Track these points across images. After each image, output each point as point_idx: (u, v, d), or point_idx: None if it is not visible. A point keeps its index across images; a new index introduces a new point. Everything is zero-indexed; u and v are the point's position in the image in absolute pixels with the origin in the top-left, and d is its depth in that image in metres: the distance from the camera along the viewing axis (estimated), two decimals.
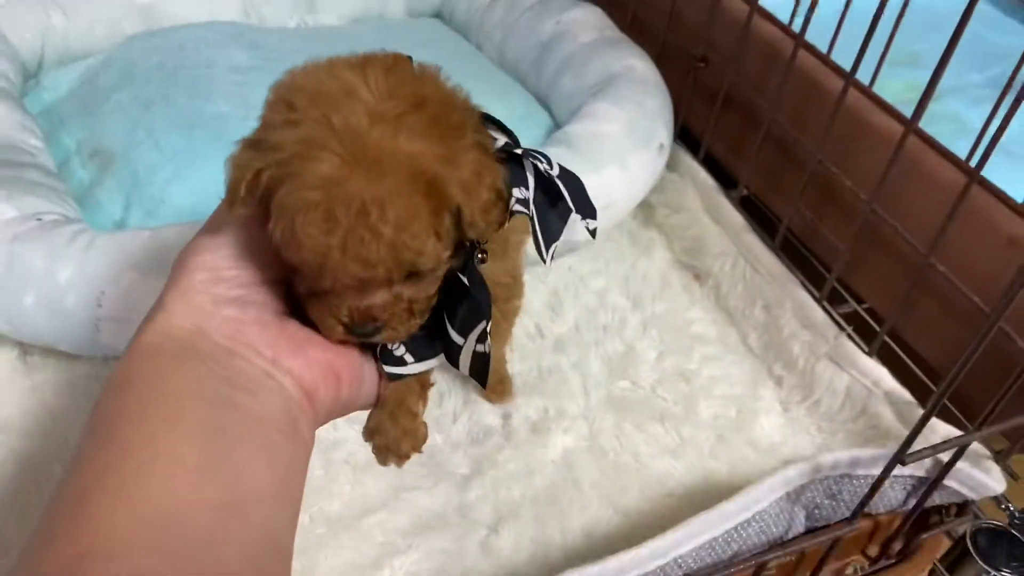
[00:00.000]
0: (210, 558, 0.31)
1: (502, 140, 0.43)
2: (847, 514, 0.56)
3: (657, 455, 0.63)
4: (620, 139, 0.73)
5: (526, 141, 0.79)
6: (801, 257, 0.78)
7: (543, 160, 0.44)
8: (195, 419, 0.34)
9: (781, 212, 0.80)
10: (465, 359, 0.43)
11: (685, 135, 0.87)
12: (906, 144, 0.64)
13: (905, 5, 0.73)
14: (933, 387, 0.68)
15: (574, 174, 0.46)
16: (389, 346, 0.43)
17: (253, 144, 0.37)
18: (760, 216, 0.80)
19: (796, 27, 0.75)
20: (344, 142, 0.35)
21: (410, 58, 0.41)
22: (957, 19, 0.56)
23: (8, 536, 0.53)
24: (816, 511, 0.57)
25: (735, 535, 0.52)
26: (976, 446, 0.59)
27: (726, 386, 0.68)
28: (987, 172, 0.64)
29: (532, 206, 0.42)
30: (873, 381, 0.65)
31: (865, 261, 0.74)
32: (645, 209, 0.83)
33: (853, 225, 0.69)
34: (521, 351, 0.69)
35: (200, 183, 0.70)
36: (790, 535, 0.55)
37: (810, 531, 0.57)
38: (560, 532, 0.58)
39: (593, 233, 0.48)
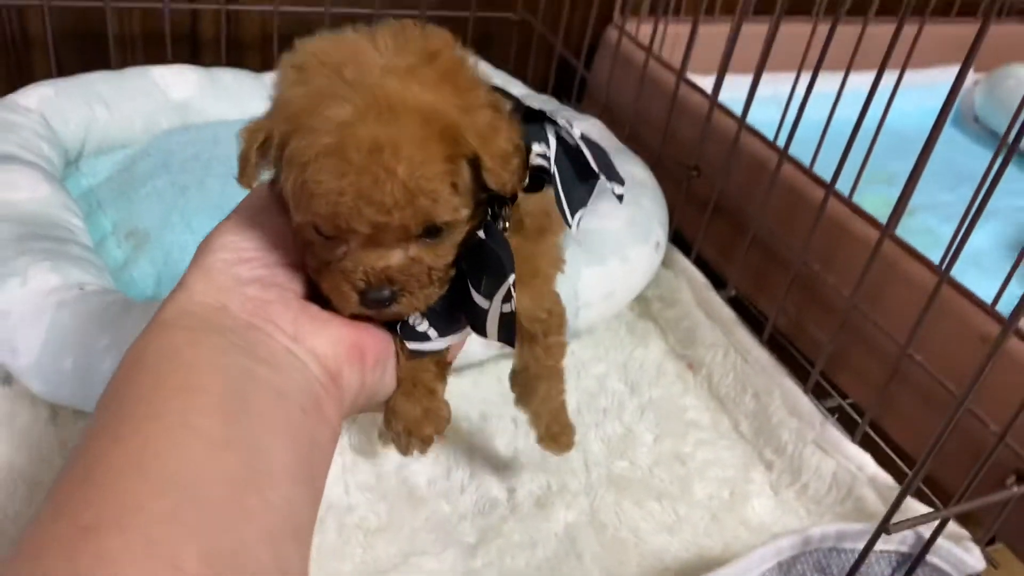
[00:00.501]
0: (226, 531, 0.30)
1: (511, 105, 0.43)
2: None
3: (655, 531, 0.66)
4: (621, 234, 0.79)
5: None
6: (787, 355, 0.83)
7: (565, 126, 0.43)
8: (212, 390, 0.33)
9: (767, 311, 0.86)
10: (492, 324, 0.41)
11: (678, 240, 0.94)
12: (883, 248, 0.70)
13: (879, 127, 0.80)
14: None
15: (596, 143, 0.45)
16: (411, 321, 0.41)
17: (263, 116, 0.38)
18: (748, 316, 0.85)
19: (780, 142, 0.82)
20: (356, 90, 0.35)
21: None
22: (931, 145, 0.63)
23: None
24: None
25: None
26: (956, 528, 0.63)
27: (719, 469, 0.72)
28: (962, 281, 0.70)
29: (553, 165, 0.41)
30: (858, 466, 0.69)
31: (847, 358, 0.80)
32: (642, 302, 0.88)
33: (835, 324, 0.75)
34: (525, 428, 0.73)
35: None
36: None
37: None
38: None
39: (620, 198, 0.46)
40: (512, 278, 0.39)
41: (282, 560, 0.31)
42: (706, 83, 0.95)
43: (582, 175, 0.44)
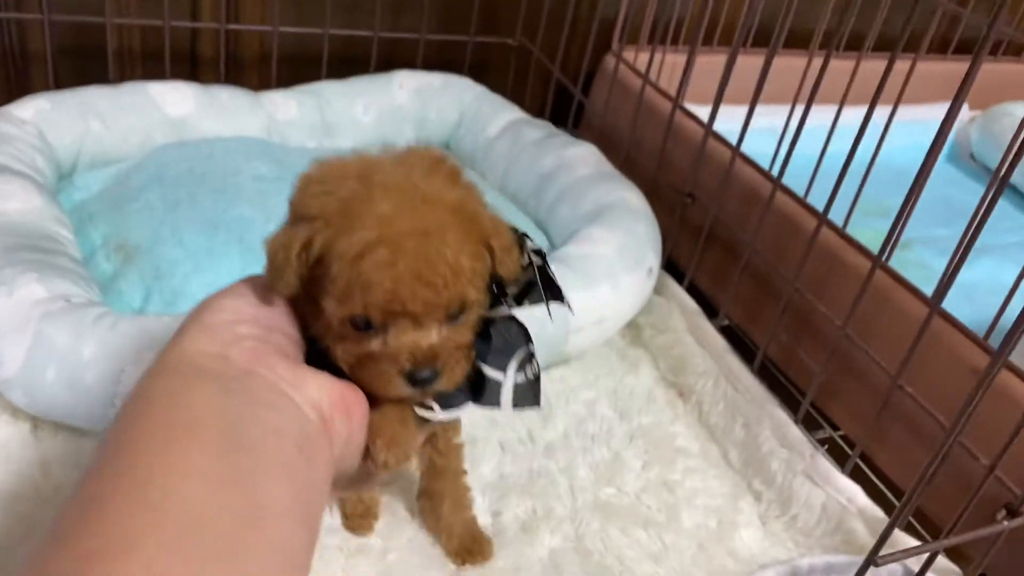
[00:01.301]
0: (228, 564, 0.30)
1: None
2: None
3: (640, 559, 0.65)
4: (612, 260, 0.79)
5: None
6: (778, 385, 0.82)
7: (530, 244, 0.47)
8: (212, 431, 0.33)
9: (760, 341, 0.85)
10: (507, 394, 0.44)
11: (671, 267, 0.93)
12: (875, 279, 0.70)
13: (872, 160, 0.81)
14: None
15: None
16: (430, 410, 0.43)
17: (289, 225, 0.40)
18: (740, 345, 0.85)
19: (775, 172, 0.82)
20: (389, 190, 0.38)
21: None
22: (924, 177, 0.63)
23: None
24: None
25: None
26: (946, 562, 0.62)
27: (707, 498, 0.71)
28: (955, 314, 0.70)
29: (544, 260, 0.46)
30: (848, 498, 0.68)
31: (838, 389, 0.79)
32: (633, 329, 0.88)
33: (826, 353, 0.74)
34: (512, 453, 0.72)
35: (218, 278, 0.74)
36: None
37: None
38: None
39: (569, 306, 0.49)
40: (532, 347, 0.44)
41: None
42: (702, 112, 0.95)
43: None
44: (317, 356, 0.42)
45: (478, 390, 0.44)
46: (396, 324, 0.39)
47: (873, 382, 0.75)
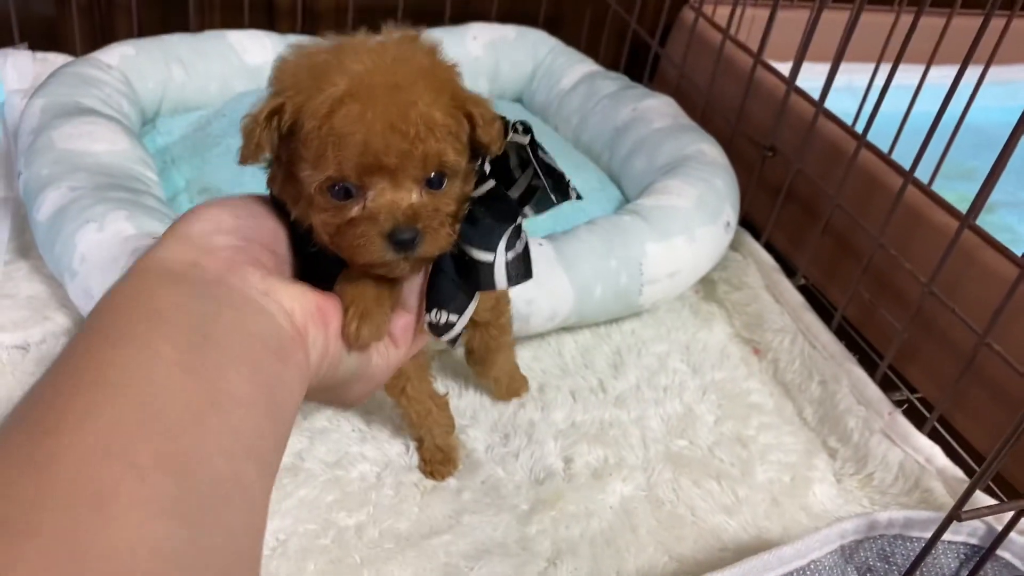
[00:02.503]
0: (184, 439, 0.30)
1: None
2: None
3: (713, 511, 0.65)
4: (690, 213, 0.78)
5: (598, 212, 0.84)
6: (854, 346, 0.81)
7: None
8: (179, 326, 0.33)
9: (836, 301, 0.84)
10: (500, 274, 0.43)
11: (745, 226, 0.92)
12: (961, 239, 0.68)
13: (959, 122, 0.78)
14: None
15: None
16: (432, 318, 0.43)
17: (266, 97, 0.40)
18: (815, 305, 0.83)
19: (857, 130, 0.80)
20: (360, 53, 0.38)
21: None
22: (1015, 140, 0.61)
23: None
24: (868, 573, 0.58)
25: None
26: None
27: (781, 454, 0.70)
28: None
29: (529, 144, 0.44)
30: (926, 458, 0.67)
31: (918, 351, 0.77)
32: (707, 285, 0.87)
33: (907, 314, 0.72)
34: (583, 403, 0.72)
35: None
36: None
37: None
38: (616, 573, 0.60)
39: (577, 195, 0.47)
40: (519, 219, 0.43)
41: (240, 476, 0.31)
42: (781, 68, 0.93)
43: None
44: (309, 267, 0.42)
45: (471, 277, 0.43)
46: (374, 186, 0.39)
47: (955, 343, 0.73)
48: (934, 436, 0.71)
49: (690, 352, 0.79)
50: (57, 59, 0.99)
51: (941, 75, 0.84)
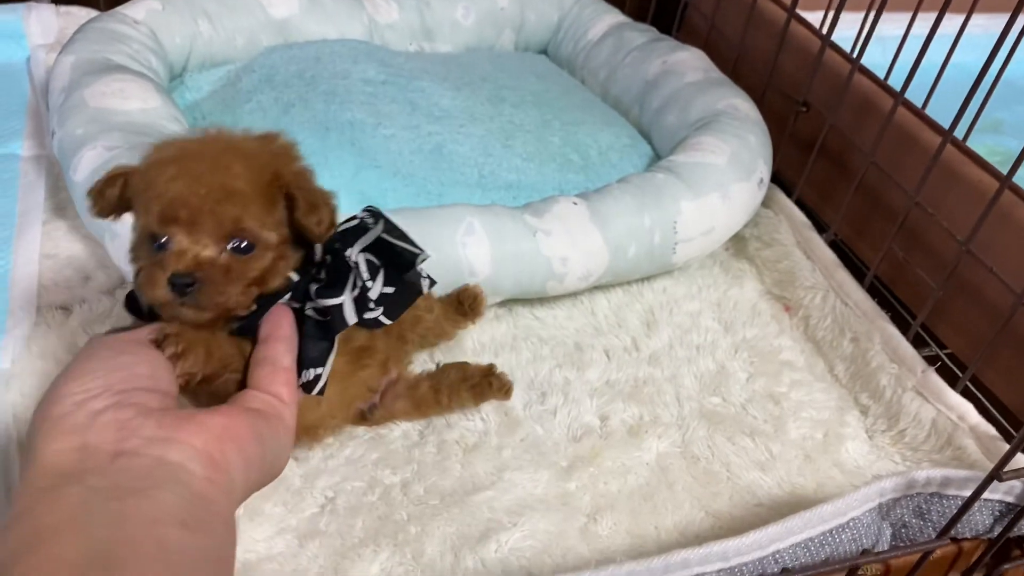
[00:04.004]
0: None
1: None
2: (933, 536, 0.59)
3: (747, 467, 0.66)
4: (723, 170, 0.78)
5: (629, 169, 0.85)
6: (885, 303, 0.81)
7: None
8: (71, 562, 0.31)
9: (868, 259, 0.84)
10: (349, 311, 0.49)
11: (776, 182, 0.91)
12: (999, 197, 0.68)
13: (998, 76, 0.77)
14: (1014, 432, 0.70)
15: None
16: (303, 378, 0.48)
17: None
18: (846, 262, 0.83)
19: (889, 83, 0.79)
20: (200, 138, 0.47)
21: None
22: None
23: None
24: (903, 530, 0.60)
25: (829, 539, 0.55)
26: None
27: (813, 411, 0.71)
28: None
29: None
30: (959, 415, 0.68)
31: (950, 308, 0.77)
32: (738, 242, 0.87)
33: (939, 270, 0.72)
34: (618, 361, 0.73)
35: (330, 179, 0.75)
36: (877, 549, 0.58)
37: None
38: (655, 528, 0.61)
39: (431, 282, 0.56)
40: (358, 268, 0.50)
41: None
42: (812, 18, 0.92)
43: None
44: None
45: (326, 324, 0.49)
46: (173, 236, 0.44)
47: (989, 301, 0.73)
48: (965, 393, 0.72)
49: (721, 310, 0.80)
50: (81, 12, 0.98)
51: (975, 25, 0.83)
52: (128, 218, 0.62)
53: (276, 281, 0.48)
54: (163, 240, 0.44)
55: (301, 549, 0.55)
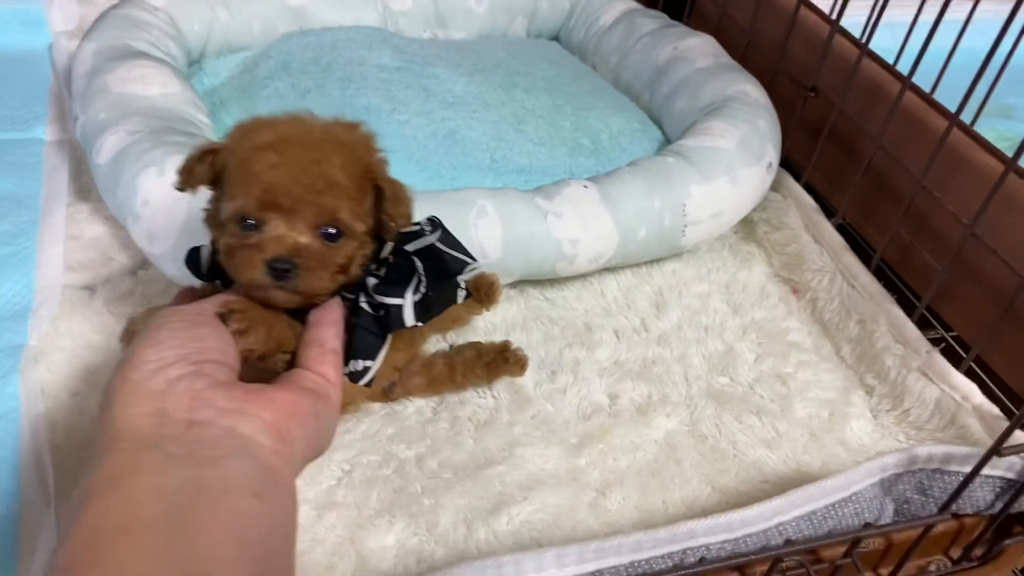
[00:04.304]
0: None
1: None
2: (934, 512, 0.60)
3: (754, 445, 0.67)
4: (732, 154, 0.79)
5: (639, 153, 0.86)
6: (891, 286, 0.82)
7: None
8: (153, 525, 0.33)
9: (875, 242, 0.85)
10: (409, 313, 0.51)
11: (784, 166, 0.92)
12: (1004, 180, 0.68)
13: (1007, 60, 0.78)
14: (1017, 412, 0.71)
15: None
16: (350, 368, 0.50)
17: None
18: (853, 245, 0.84)
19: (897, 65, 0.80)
20: (291, 121, 0.48)
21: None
22: None
23: None
24: (905, 505, 0.61)
25: (832, 512, 0.57)
26: None
27: (819, 391, 0.72)
28: None
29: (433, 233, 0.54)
30: (963, 396, 0.69)
31: (955, 291, 0.78)
32: (746, 225, 0.88)
33: (945, 254, 0.73)
34: (627, 341, 0.75)
35: None
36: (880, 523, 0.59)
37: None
38: (663, 502, 0.63)
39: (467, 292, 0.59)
40: (419, 272, 0.52)
41: None
42: (822, 4, 0.92)
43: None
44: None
45: (383, 321, 0.51)
46: (270, 221, 0.45)
47: (993, 284, 0.74)
48: (969, 374, 0.73)
49: (730, 292, 0.81)
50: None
51: (983, 10, 0.83)
52: (157, 198, 0.65)
53: (355, 269, 0.49)
54: (257, 224, 0.46)
55: (319, 519, 0.57)
